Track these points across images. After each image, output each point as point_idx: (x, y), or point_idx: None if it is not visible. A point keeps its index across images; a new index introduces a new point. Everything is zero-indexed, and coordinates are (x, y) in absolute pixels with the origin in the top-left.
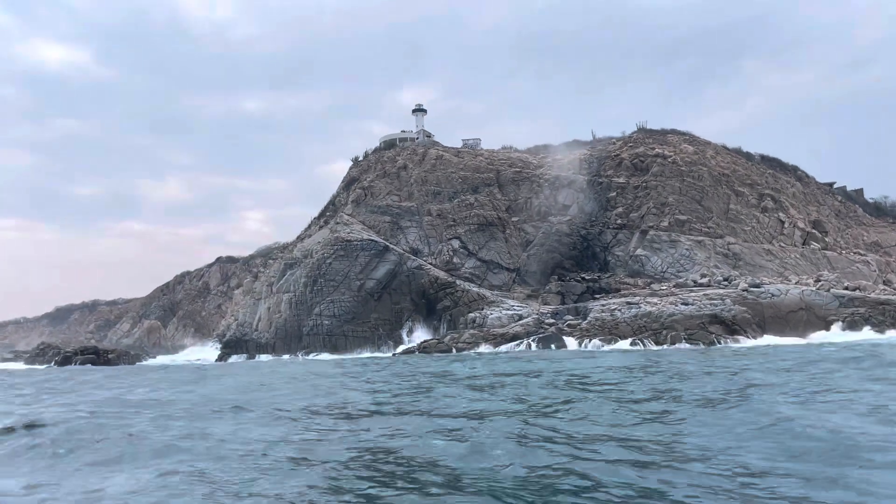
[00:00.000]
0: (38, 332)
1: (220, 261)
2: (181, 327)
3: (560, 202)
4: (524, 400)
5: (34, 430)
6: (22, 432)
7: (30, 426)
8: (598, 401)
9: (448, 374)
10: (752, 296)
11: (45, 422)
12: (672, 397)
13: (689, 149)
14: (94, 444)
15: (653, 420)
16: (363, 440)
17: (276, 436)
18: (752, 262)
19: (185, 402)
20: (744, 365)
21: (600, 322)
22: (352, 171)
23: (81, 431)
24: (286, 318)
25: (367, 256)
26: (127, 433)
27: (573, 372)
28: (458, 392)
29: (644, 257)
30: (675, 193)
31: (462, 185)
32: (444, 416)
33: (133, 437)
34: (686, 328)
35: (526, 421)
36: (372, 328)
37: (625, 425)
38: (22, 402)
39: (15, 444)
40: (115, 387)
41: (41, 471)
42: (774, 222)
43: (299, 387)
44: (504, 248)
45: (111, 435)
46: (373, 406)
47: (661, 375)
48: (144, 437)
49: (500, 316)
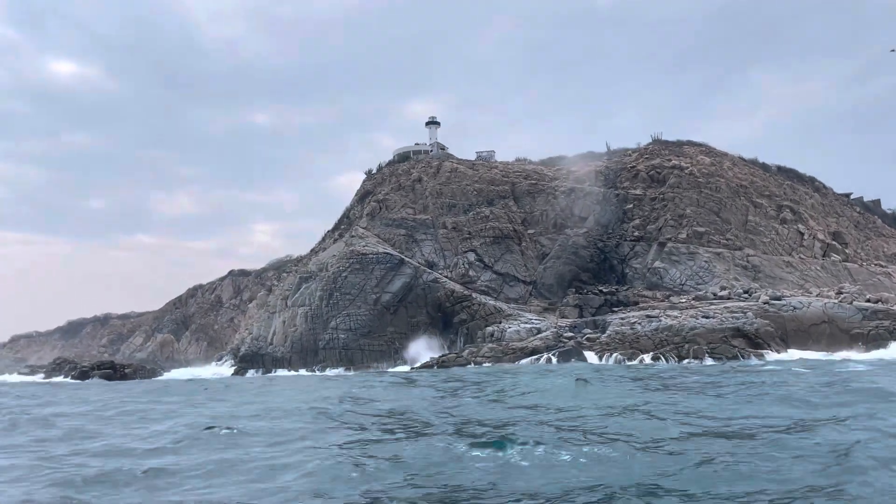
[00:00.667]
0: (50, 345)
1: (232, 274)
2: (194, 341)
3: (576, 214)
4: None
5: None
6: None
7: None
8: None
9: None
10: (773, 309)
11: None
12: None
13: (706, 160)
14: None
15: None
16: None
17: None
18: (772, 274)
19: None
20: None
21: (620, 335)
22: (366, 184)
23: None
24: (302, 332)
25: (383, 270)
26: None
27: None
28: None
29: (662, 269)
30: (692, 205)
31: (477, 197)
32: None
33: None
34: (708, 342)
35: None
36: (388, 342)
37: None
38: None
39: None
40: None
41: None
42: (794, 234)
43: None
44: (520, 260)
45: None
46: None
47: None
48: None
49: (519, 329)
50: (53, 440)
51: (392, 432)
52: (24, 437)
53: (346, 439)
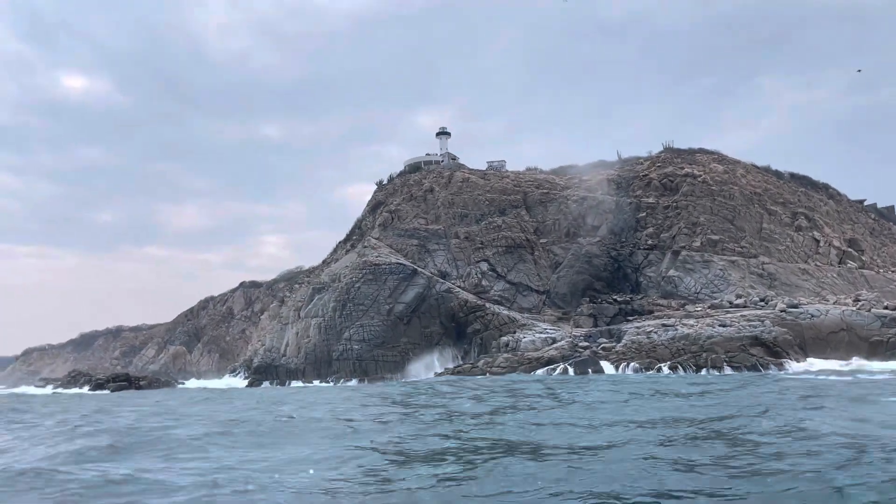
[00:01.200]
0: (62, 358)
1: (243, 286)
2: (206, 353)
3: (589, 223)
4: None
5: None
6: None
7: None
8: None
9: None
10: (790, 316)
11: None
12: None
13: (719, 168)
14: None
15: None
16: None
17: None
18: (788, 281)
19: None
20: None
21: (636, 345)
22: (377, 195)
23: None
24: (315, 344)
25: (396, 280)
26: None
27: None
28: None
29: (677, 278)
30: (706, 213)
31: (489, 207)
32: None
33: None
34: (727, 351)
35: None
36: (402, 353)
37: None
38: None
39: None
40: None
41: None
42: (809, 241)
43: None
44: (533, 270)
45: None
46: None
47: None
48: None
49: (534, 339)
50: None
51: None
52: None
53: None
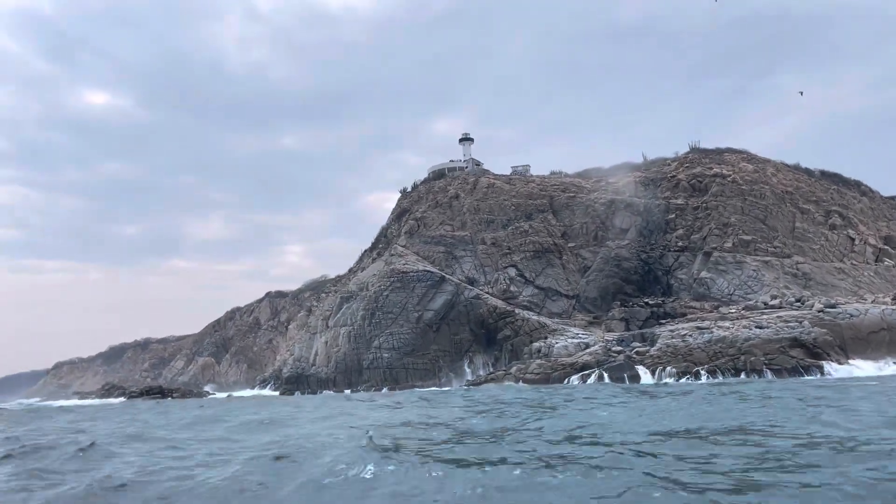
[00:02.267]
0: (92, 371)
1: (269, 296)
2: (234, 363)
3: (617, 226)
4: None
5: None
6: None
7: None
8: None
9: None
10: (829, 317)
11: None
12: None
13: (749, 167)
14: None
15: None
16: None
17: None
18: (824, 281)
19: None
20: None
21: (672, 348)
22: (402, 203)
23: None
24: (345, 353)
25: (424, 287)
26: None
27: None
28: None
29: (709, 280)
30: (737, 213)
31: (515, 212)
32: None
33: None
34: (765, 353)
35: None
36: (432, 360)
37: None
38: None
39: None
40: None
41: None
42: (844, 240)
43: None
44: (562, 274)
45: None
46: None
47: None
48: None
49: (567, 344)
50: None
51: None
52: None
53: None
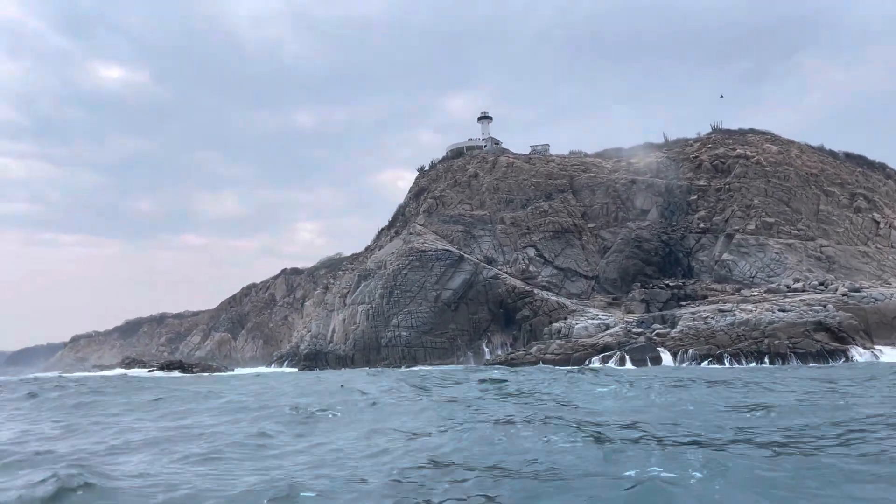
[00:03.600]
0: (108, 345)
1: (284, 273)
2: (250, 339)
3: (638, 207)
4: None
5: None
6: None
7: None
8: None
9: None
10: (853, 301)
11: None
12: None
13: (773, 148)
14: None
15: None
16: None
17: None
18: (848, 265)
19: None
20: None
21: (693, 331)
22: (420, 181)
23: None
24: (363, 330)
25: (443, 266)
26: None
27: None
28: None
29: (731, 262)
30: (760, 195)
31: (535, 192)
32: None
33: None
34: (789, 336)
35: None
36: (450, 339)
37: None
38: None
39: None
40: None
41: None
42: (869, 223)
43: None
44: (581, 255)
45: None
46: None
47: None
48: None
49: (587, 325)
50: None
51: None
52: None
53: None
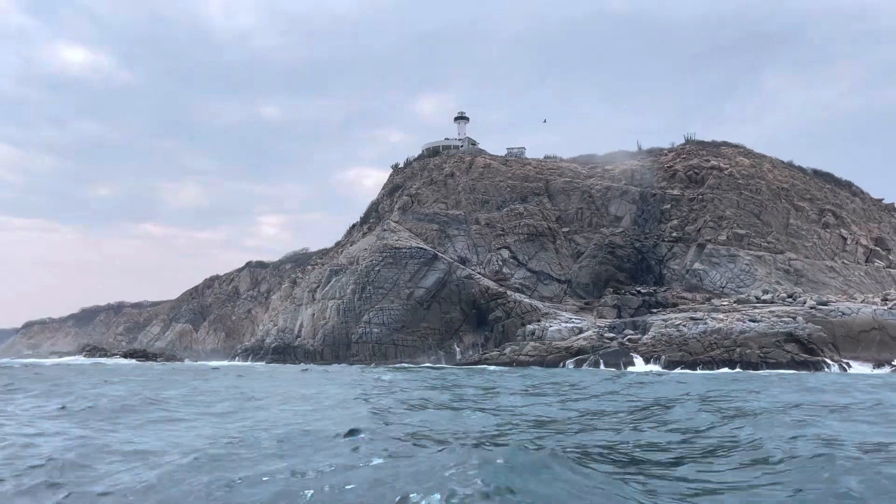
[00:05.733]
0: (63, 332)
1: (249, 265)
2: (212, 331)
3: (612, 213)
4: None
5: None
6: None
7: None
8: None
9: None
10: (821, 314)
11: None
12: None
13: (746, 161)
14: None
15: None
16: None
17: None
18: (815, 279)
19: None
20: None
21: (666, 338)
22: (395, 178)
23: None
24: (334, 326)
25: (416, 264)
26: None
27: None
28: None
29: (702, 272)
30: (732, 207)
31: (511, 194)
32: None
33: None
34: (760, 346)
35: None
36: (421, 337)
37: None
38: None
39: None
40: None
41: None
42: (836, 238)
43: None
44: (555, 258)
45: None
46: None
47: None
48: None
49: (560, 328)
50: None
51: None
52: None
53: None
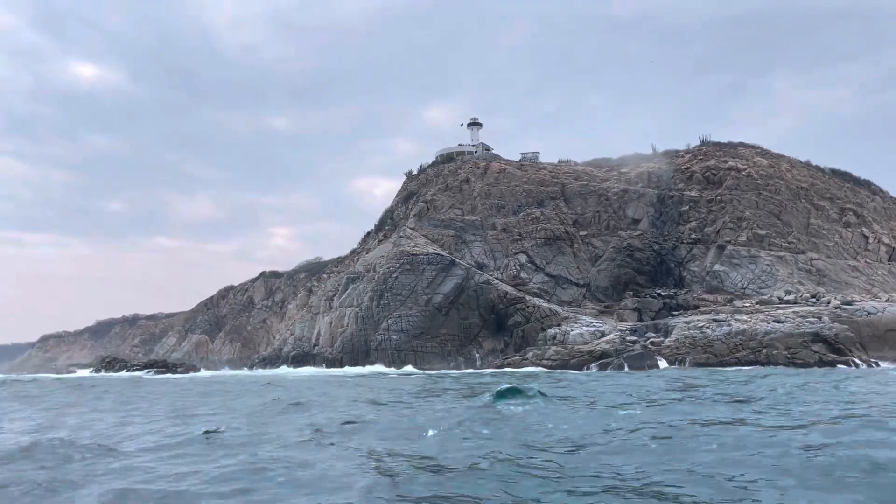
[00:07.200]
0: (79, 345)
1: (263, 275)
2: (228, 342)
3: (629, 216)
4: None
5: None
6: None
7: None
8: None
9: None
10: (846, 313)
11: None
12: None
13: (764, 162)
14: None
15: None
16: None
17: None
18: (838, 278)
19: None
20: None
21: (690, 340)
22: (409, 185)
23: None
24: (352, 333)
25: (434, 271)
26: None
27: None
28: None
29: (723, 273)
30: (751, 207)
31: (526, 198)
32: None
33: None
34: (787, 347)
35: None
36: (440, 344)
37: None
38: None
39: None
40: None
41: None
42: (858, 238)
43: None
44: (572, 262)
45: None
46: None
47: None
48: None
49: (582, 332)
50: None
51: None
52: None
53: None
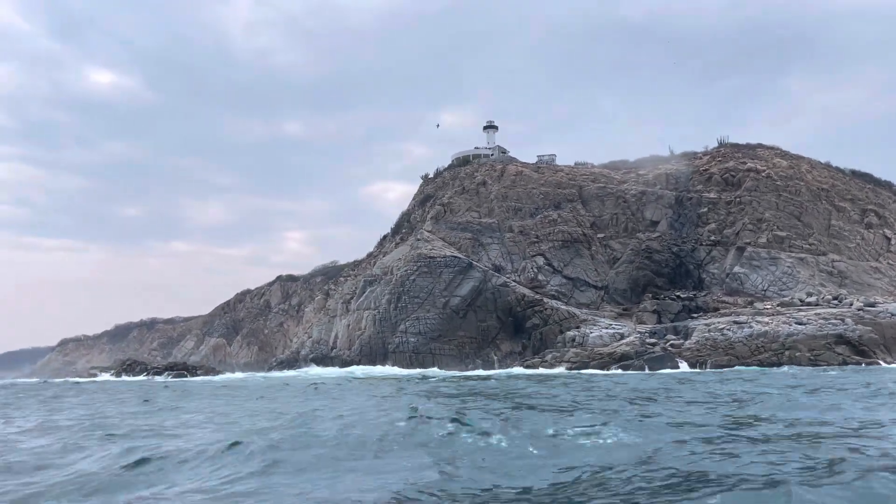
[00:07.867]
0: (98, 349)
1: (280, 279)
2: (245, 345)
3: (647, 218)
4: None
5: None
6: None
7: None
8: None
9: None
10: (869, 315)
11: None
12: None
13: (783, 163)
14: None
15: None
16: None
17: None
18: (860, 280)
19: None
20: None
21: (711, 342)
22: (426, 188)
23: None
24: (370, 335)
25: (451, 273)
26: None
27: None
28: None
29: (743, 275)
30: (771, 209)
31: (544, 200)
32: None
33: None
34: (810, 349)
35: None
36: (458, 346)
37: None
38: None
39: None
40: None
41: None
42: (880, 239)
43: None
44: (590, 265)
45: None
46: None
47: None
48: None
49: (601, 334)
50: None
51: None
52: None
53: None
